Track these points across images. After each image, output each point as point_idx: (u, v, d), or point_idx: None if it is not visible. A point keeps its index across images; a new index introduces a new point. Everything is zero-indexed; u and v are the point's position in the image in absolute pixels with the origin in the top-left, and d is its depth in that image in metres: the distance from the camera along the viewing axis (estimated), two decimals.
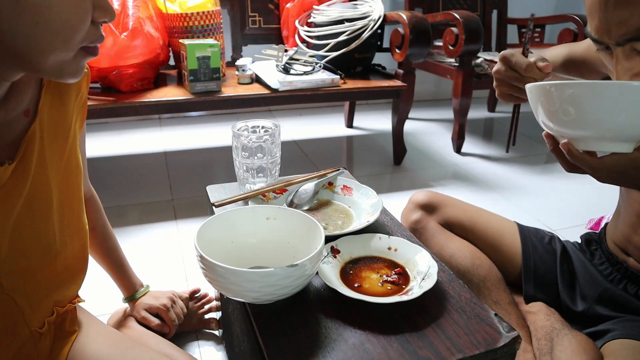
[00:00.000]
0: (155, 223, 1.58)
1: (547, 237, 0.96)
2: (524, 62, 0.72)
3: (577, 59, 0.85)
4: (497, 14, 2.65)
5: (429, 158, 2.21)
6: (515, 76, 0.74)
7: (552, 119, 0.58)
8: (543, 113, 0.59)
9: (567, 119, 0.56)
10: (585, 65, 0.84)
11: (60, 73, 0.51)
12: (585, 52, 0.83)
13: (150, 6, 1.66)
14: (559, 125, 0.58)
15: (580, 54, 0.85)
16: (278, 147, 0.90)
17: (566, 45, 0.89)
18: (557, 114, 0.57)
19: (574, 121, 0.56)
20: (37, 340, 0.64)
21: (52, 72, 0.51)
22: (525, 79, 0.73)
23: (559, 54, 0.88)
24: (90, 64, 1.52)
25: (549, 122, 0.59)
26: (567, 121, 0.57)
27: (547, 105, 0.58)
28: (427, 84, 3.02)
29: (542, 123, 0.61)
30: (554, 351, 0.77)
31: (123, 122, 2.55)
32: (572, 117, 0.56)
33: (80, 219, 0.68)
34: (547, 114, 0.59)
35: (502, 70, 0.75)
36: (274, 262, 0.67)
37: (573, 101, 0.54)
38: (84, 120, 0.70)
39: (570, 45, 0.88)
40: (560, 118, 0.57)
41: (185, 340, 1.08)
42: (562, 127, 0.58)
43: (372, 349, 0.55)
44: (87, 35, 0.50)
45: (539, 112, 0.60)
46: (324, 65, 1.88)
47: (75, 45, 0.49)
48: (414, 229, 0.97)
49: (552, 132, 0.61)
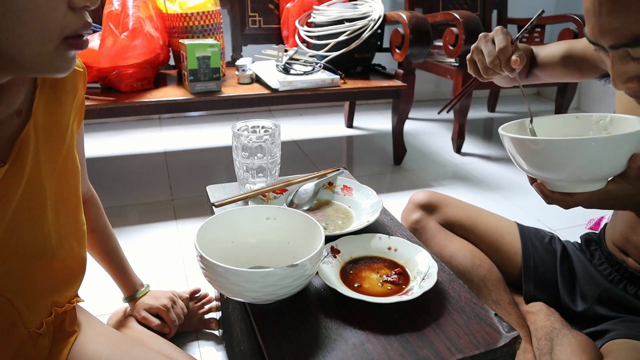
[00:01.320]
0: (155, 223, 1.58)
1: (547, 237, 0.96)
2: (499, 46, 0.75)
3: (576, 55, 0.86)
4: (497, 14, 2.65)
5: (429, 158, 2.21)
6: (481, 59, 0.79)
7: (524, 164, 0.63)
8: (515, 158, 0.64)
9: (536, 167, 0.62)
10: (584, 61, 0.84)
11: (44, 68, 0.48)
12: (584, 48, 0.84)
13: (150, 6, 1.66)
14: (531, 169, 0.63)
15: (579, 50, 0.85)
16: (278, 147, 0.90)
17: (566, 42, 0.89)
18: (527, 161, 0.62)
19: (542, 168, 0.61)
20: (35, 341, 0.64)
21: (34, 68, 0.48)
22: (486, 68, 0.78)
23: (558, 49, 0.88)
24: (90, 64, 1.52)
25: (523, 165, 0.64)
26: (536, 168, 0.62)
27: (518, 151, 0.63)
28: (427, 84, 3.02)
29: (519, 166, 0.65)
30: (554, 351, 0.77)
31: (123, 122, 2.55)
32: (540, 165, 0.61)
33: (78, 219, 0.67)
34: (519, 159, 0.64)
35: (477, 48, 0.79)
36: (274, 262, 0.67)
37: (540, 154, 0.60)
38: (82, 121, 0.70)
39: (570, 42, 0.88)
40: (530, 165, 0.62)
41: (185, 340, 1.08)
42: (533, 171, 0.63)
43: (372, 349, 0.55)
44: (67, 24, 0.46)
45: (511, 155, 0.65)
46: (324, 65, 1.88)
47: (53, 36, 0.46)
48: (414, 229, 0.97)
49: (526, 172, 0.65)
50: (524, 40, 0.86)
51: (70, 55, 0.49)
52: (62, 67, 0.49)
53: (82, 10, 0.48)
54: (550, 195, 0.64)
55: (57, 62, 0.48)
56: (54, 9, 0.45)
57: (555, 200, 0.64)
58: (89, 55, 1.49)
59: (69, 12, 0.46)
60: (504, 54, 0.75)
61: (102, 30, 1.50)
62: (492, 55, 0.76)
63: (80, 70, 0.65)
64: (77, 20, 0.47)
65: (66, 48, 0.48)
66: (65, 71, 0.50)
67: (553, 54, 0.89)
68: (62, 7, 0.46)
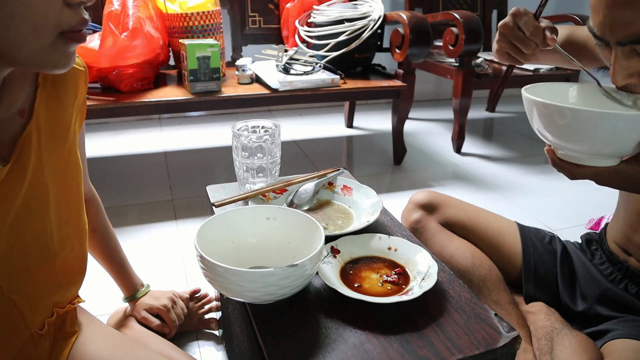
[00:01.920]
0: (155, 223, 1.58)
1: (548, 237, 0.96)
2: (532, 24, 0.70)
3: (578, 42, 0.84)
4: (497, 14, 2.65)
5: (429, 158, 2.21)
6: (519, 36, 0.72)
7: (545, 131, 0.62)
8: (538, 124, 0.63)
9: (558, 135, 0.60)
10: (585, 49, 0.83)
11: (42, 63, 0.48)
12: (587, 37, 0.82)
13: (150, 6, 1.66)
14: (552, 138, 0.62)
15: (582, 38, 0.84)
16: (278, 147, 0.90)
17: (569, 27, 0.88)
18: (549, 129, 0.61)
19: (562, 138, 0.60)
20: (37, 342, 0.64)
21: (32, 63, 0.47)
22: (528, 42, 0.72)
23: (561, 33, 0.87)
24: (90, 64, 1.52)
25: (543, 132, 0.62)
26: (558, 136, 0.61)
27: (541, 119, 0.61)
28: (427, 84, 3.02)
29: (537, 131, 0.64)
30: (554, 351, 0.77)
31: (123, 122, 2.55)
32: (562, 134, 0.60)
33: (80, 218, 0.67)
34: (542, 125, 0.62)
35: (509, 25, 0.73)
36: (274, 262, 0.67)
37: (562, 123, 0.58)
38: (83, 120, 0.69)
39: (573, 28, 0.87)
40: (552, 132, 0.61)
41: (185, 340, 1.08)
42: (553, 138, 0.62)
43: (372, 349, 0.55)
44: (63, 19, 0.46)
45: (534, 121, 0.63)
46: (324, 65, 1.88)
47: (49, 32, 0.46)
48: (414, 229, 0.97)
49: (541, 136, 0.64)
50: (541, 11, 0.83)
51: (69, 50, 0.49)
52: (61, 63, 0.49)
53: (79, 6, 0.47)
54: (558, 162, 0.62)
55: (55, 58, 0.48)
56: (48, 5, 0.45)
57: (563, 168, 0.63)
58: (89, 55, 1.49)
59: (65, 8, 0.46)
60: (538, 33, 0.70)
61: (102, 30, 1.50)
62: (529, 28, 0.71)
63: (81, 69, 0.65)
64: (73, 16, 0.47)
65: (64, 42, 0.47)
66: (64, 67, 0.49)
67: None
68: (58, 3, 0.45)
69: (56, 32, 0.46)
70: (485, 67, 2.22)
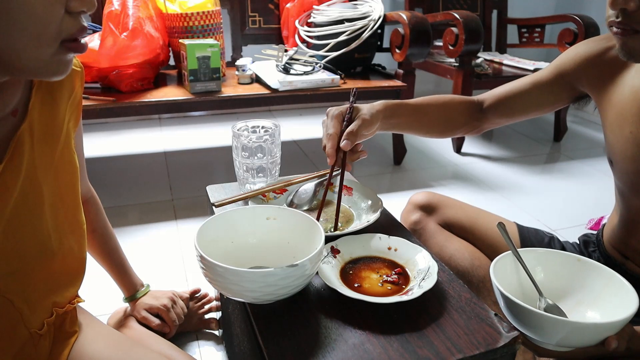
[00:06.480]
0: (155, 223, 1.58)
1: (547, 238, 0.95)
2: (329, 132, 0.78)
3: (546, 81, 0.87)
4: (497, 14, 2.65)
5: (429, 158, 2.21)
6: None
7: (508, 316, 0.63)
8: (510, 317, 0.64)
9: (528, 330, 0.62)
10: (555, 84, 0.86)
11: (41, 71, 0.48)
12: (554, 68, 0.85)
13: (150, 6, 1.66)
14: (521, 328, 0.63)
15: (547, 75, 0.87)
16: (278, 147, 0.90)
17: (528, 77, 0.90)
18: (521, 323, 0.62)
19: (522, 327, 0.62)
20: (36, 342, 0.64)
21: (31, 71, 0.48)
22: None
23: (522, 86, 0.89)
24: (90, 64, 1.52)
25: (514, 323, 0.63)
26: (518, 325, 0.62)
27: (505, 304, 0.62)
28: (427, 84, 3.02)
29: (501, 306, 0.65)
30: None
31: (123, 122, 2.55)
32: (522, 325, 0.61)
33: (77, 218, 0.67)
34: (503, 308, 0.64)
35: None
36: (274, 262, 0.67)
37: (531, 322, 0.60)
38: (79, 120, 0.69)
39: (531, 76, 0.90)
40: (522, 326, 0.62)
41: (185, 340, 1.08)
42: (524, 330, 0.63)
43: (372, 349, 0.55)
44: (64, 28, 0.46)
45: (506, 312, 0.64)
46: (324, 65, 1.88)
47: (50, 40, 0.46)
48: (413, 230, 0.97)
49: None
50: (351, 112, 0.88)
51: (67, 58, 0.49)
52: (59, 71, 0.49)
53: (79, 14, 0.48)
54: (544, 352, 0.64)
55: (54, 66, 0.48)
56: (51, 13, 0.45)
57: (528, 347, 0.65)
58: (89, 55, 1.49)
59: (66, 16, 0.46)
60: (330, 139, 0.79)
61: (102, 30, 1.50)
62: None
63: (77, 69, 0.65)
64: (73, 24, 0.47)
65: (64, 51, 0.48)
66: (61, 74, 0.50)
67: (519, 90, 0.90)
68: (60, 11, 0.45)
69: (58, 41, 0.47)
70: (485, 67, 2.22)
